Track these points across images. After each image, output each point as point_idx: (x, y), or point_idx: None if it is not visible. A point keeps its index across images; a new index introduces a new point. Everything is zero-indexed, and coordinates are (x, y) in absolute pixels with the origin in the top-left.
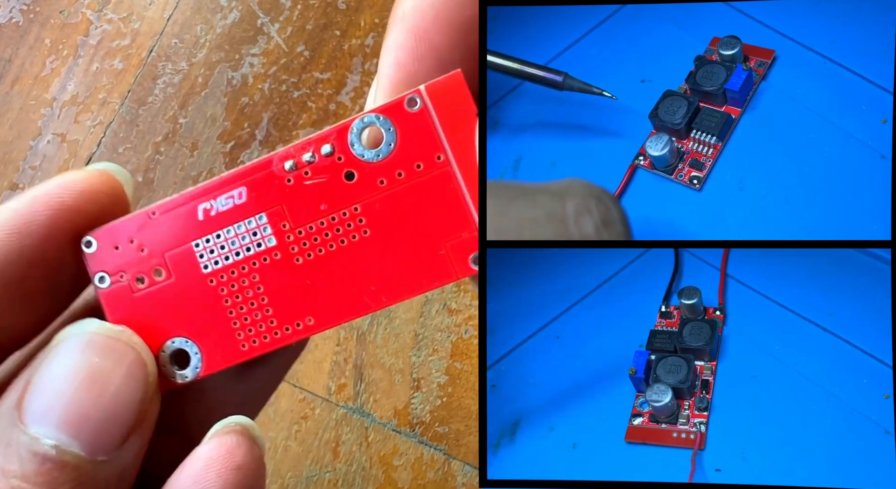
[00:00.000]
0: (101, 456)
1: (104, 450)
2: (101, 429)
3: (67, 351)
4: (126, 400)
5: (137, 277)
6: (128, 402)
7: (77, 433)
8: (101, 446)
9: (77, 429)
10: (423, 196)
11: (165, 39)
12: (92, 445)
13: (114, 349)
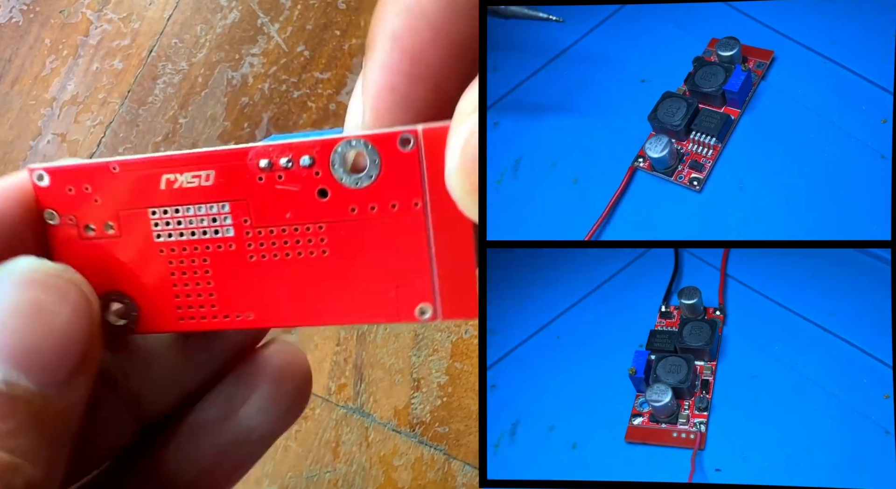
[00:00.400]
0: (50, 389)
1: (54, 383)
2: (50, 362)
3: (9, 285)
4: (73, 334)
5: (87, 225)
6: (75, 337)
7: (26, 367)
8: (50, 379)
9: (26, 362)
10: (390, 236)
11: (165, 39)
12: (41, 378)
13: (57, 286)
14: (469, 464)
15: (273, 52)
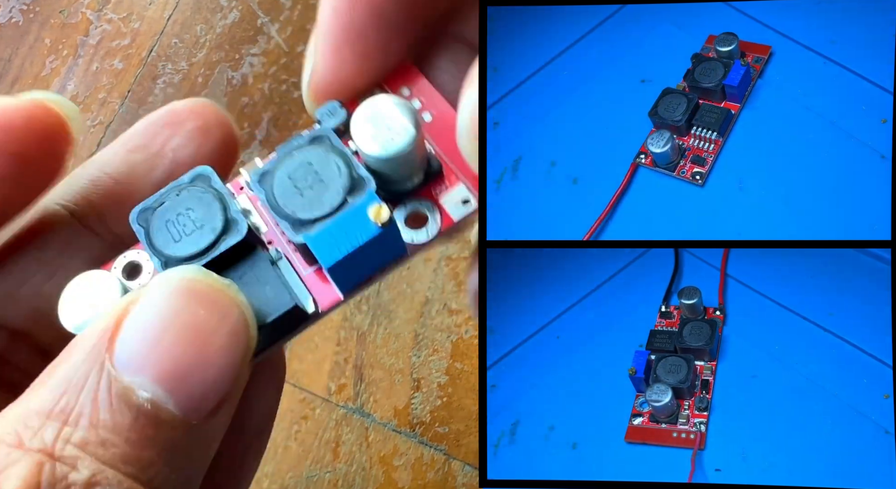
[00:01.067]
0: (194, 419)
1: (199, 414)
2: (200, 389)
3: (168, 294)
4: (227, 361)
5: None
6: (228, 364)
7: (175, 389)
8: (196, 408)
9: (176, 384)
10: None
11: (165, 39)
12: (188, 405)
13: (220, 302)
14: (469, 464)
15: (273, 52)
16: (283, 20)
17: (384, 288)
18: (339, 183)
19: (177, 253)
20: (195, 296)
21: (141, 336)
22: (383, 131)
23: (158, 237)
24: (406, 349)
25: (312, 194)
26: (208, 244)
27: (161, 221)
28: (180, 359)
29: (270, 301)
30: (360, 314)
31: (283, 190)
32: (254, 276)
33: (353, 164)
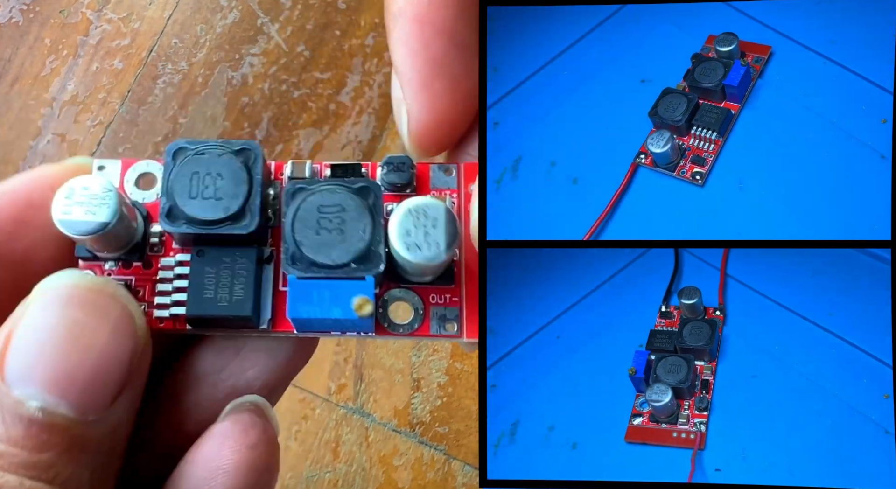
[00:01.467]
0: (91, 415)
1: (94, 410)
2: (90, 389)
3: (47, 304)
4: (114, 357)
5: None
6: (116, 359)
7: (64, 393)
8: (90, 406)
9: (64, 389)
10: None
11: (165, 39)
12: (81, 405)
13: (97, 303)
14: (469, 464)
15: (273, 52)
16: (283, 20)
17: None
18: (356, 246)
19: (184, 207)
20: (72, 301)
21: (25, 350)
22: (419, 234)
23: (178, 182)
24: (406, 349)
25: (327, 238)
26: (214, 219)
27: (190, 169)
28: (64, 363)
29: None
30: None
31: (307, 218)
32: (233, 270)
33: (377, 237)
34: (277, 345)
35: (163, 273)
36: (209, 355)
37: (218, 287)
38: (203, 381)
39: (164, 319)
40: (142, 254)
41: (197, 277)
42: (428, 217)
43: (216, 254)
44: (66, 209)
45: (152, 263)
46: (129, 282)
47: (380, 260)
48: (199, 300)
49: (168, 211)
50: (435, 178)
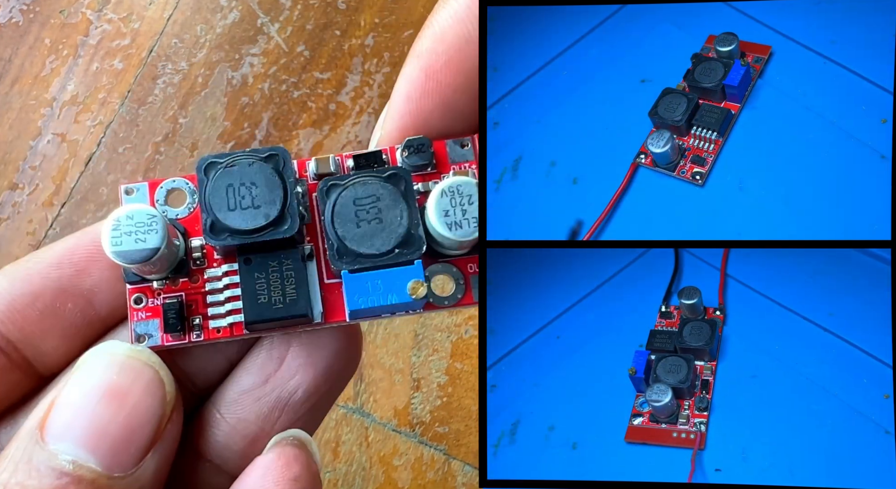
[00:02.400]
0: (117, 471)
1: (121, 466)
2: (119, 445)
3: (89, 370)
4: (143, 416)
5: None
6: (145, 419)
7: (94, 448)
8: (118, 462)
9: (94, 444)
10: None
11: (165, 39)
12: (109, 461)
13: (132, 367)
14: (469, 464)
15: (273, 52)
16: (283, 20)
17: None
18: (396, 232)
19: (225, 220)
20: (110, 365)
21: (65, 410)
22: (457, 213)
23: (215, 196)
24: (406, 349)
25: (368, 229)
26: (257, 227)
27: (224, 182)
28: (97, 421)
29: (287, 302)
30: None
31: (345, 212)
32: (282, 272)
33: (415, 220)
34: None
35: (211, 284)
36: (253, 370)
37: (271, 290)
38: (249, 396)
39: (222, 329)
40: (187, 270)
41: (248, 284)
42: (463, 195)
43: (262, 260)
44: (116, 240)
45: (198, 277)
46: (180, 299)
47: (421, 242)
48: (255, 305)
49: (211, 226)
50: (452, 153)
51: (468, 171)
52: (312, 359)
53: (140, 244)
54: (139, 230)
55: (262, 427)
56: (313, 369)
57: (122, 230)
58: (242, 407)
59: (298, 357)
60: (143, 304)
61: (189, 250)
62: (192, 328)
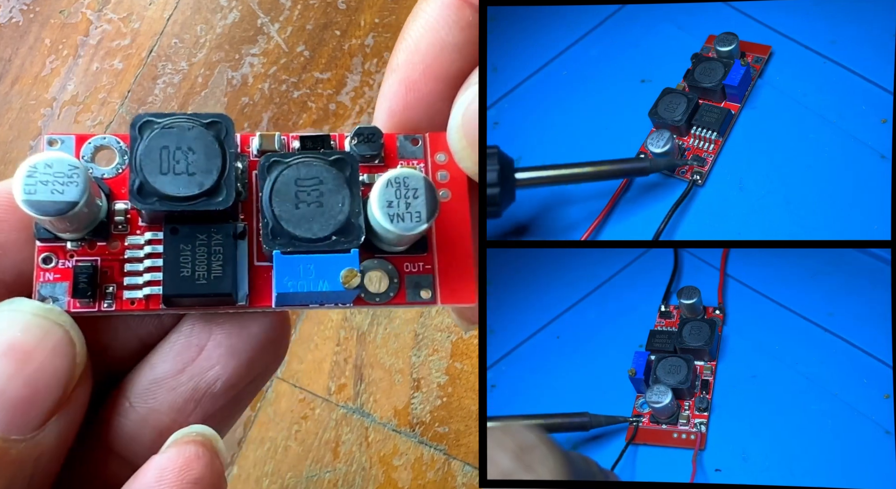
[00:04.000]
0: (15, 434)
1: (19, 429)
2: (18, 406)
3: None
4: (49, 377)
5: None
6: (51, 380)
7: None
8: (16, 424)
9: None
10: None
11: (165, 39)
12: (6, 422)
13: (39, 325)
14: (469, 464)
15: (273, 52)
16: (283, 20)
17: None
18: (336, 218)
19: (155, 184)
20: (14, 322)
21: None
22: (401, 205)
23: (147, 158)
24: (406, 349)
25: (307, 212)
26: (189, 195)
27: (159, 144)
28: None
29: (212, 279)
30: (359, 314)
31: (285, 191)
32: (210, 247)
33: (356, 209)
34: (242, 345)
35: (131, 252)
36: (169, 357)
37: (195, 265)
38: (163, 385)
39: (137, 300)
40: (107, 234)
41: (172, 256)
42: (409, 188)
43: (190, 232)
44: (29, 189)
45: (118, 243)
46: (95, 264)
47: (361, 231)
48: (177, 279)
49: (139, 188)
50: (402, 149)
51: (417, 167)
52: (235, 349)
53: (56, 196)
54: (57, 180)
55: (176, 419)
56: (235, 360)
57: (38, 178)
58: (155, 396)
59: (220, 346)
60: (52, 265)
61: (112, 213)
62: (104, 296)
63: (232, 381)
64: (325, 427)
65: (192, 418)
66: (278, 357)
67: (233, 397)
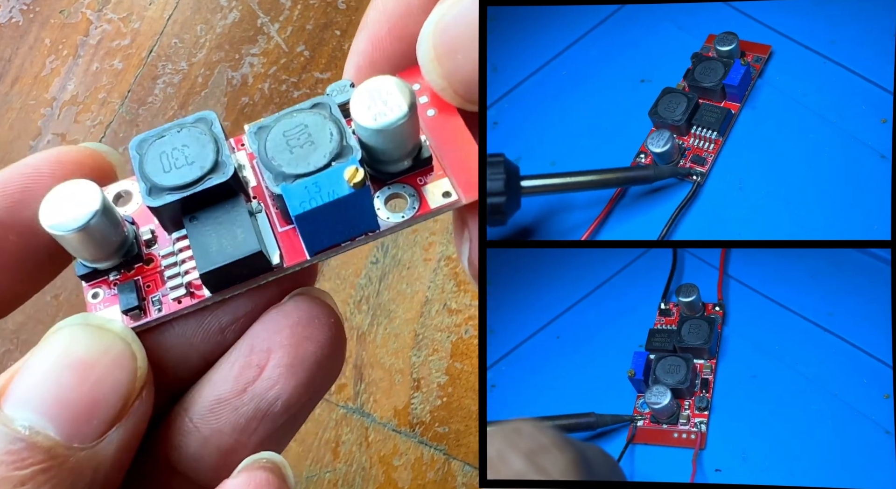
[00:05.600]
0: (76, 442)
1: (81, 438)
2: (80, 415)
3: (56, 340)
4: (109, 388)
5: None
6: (111, 391)
7: (53, 416)
8: (77, 432)
9: (54, 412)
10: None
11: (165, 39)
12: (68, 430)
13: (102, 338)
14: (469, 464)
15: (273, 52)
16: (283, 20)
17: (384, 288)
18: (329, 147)
19: (163, 182)
20: (78, 335)
21: (27, 378)
22: (378, 105)
23: (150, 165)
24: (406, 349)
25: (301, 153)
26: (194, 179)
27: (157, 152)
28: (58, 388)
29: (238, 243)
30: (360, 314)
31: (276, 144)
32: (229, 219)
33: (346, 133)
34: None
35: (166, 260)
36: (230, 377)
37: (221, 238)
38: (225, 406)
39: (181, 297)
40: (140, 255)
41: (198, 239)
42: (380, 91)
43: (207, 213)
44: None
45: (152, 259)
46: (137, 282)
47: (356, 149)
48: (207, 255)
49: (149, 191)
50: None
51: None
52: (294, 369)
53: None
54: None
55: (238, 439)
56: (294, 379)
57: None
58: (217, 417)
59: (279, 365)
60: (100, 298)
61: (138, 236)
62: (152, 304)
63: (291, 401)
64: (324, 427)
65: (253, 438)
66: (333, 375)
67: (292, 415)
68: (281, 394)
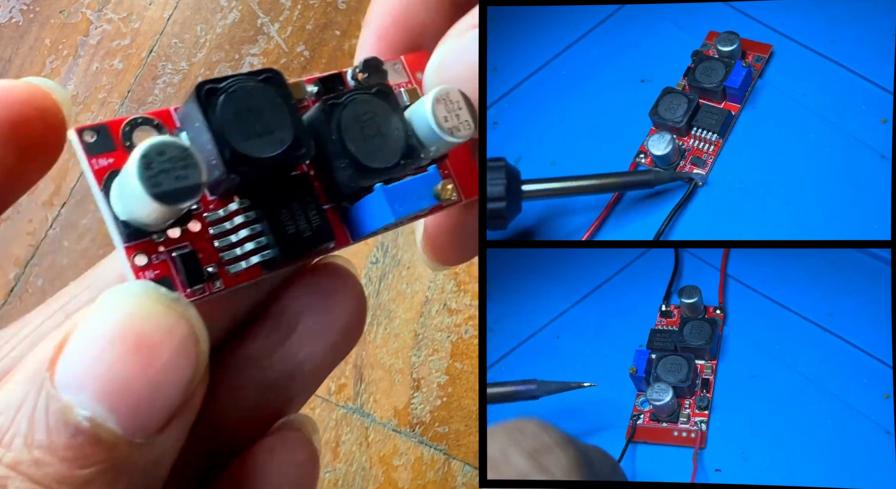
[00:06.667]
0: (139, 437)
1: (143, 432)
2: (144, 407)
3: (113, 311)
4: (174, 377)
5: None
6: (176, 380)
7: (116, 407)
8: (140, 426)
9: (117, 401)
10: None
11: (165, 39)
12: (131, 423)
13: (166, 318)
14: (469, 464)
15: (273, 52)
16: (283, 20)
17: (384, 288)
18: (398, 144)
19: (245, 150)
20: (139, 311)
21: (82, 354)
22: (453, 119)
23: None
24: (406, 349)
25: (375, 145)
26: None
27: (231, 108)
28: (122, 375)
29: (313, 225)
30: None
31: (350, 129)
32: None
33: (408, 131)
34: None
35: (216, 228)
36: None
37: (297, 221)
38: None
39: (241, 272)
40: (186, 217)
41: (273, 217)
42: (453, 101)
43: (275, 191)
44: (154, 182)
45: (198, 223)
46: (193, 249)
47: (419, 151)
48: (286, 239)
49: (231, 158)
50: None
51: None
52: (323, 333)
53: (182, 182)
54: (175, 166)
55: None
56: (322, 343)
57: (157, 168)
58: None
59: (310, 329)
60: (147, 263)
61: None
62: (212, 277)
63: (316, 363)
64: (324, 427)
65: (278, 399)
66: (354, 341)
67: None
68: (309, 356)
